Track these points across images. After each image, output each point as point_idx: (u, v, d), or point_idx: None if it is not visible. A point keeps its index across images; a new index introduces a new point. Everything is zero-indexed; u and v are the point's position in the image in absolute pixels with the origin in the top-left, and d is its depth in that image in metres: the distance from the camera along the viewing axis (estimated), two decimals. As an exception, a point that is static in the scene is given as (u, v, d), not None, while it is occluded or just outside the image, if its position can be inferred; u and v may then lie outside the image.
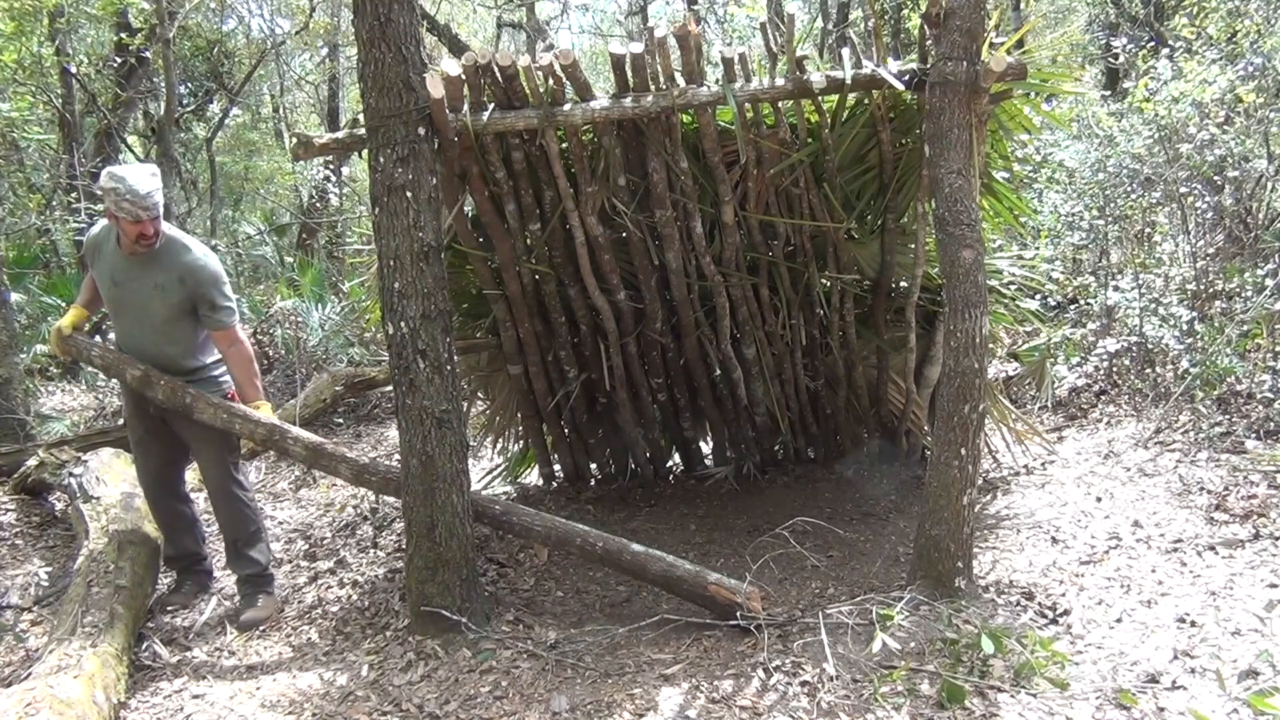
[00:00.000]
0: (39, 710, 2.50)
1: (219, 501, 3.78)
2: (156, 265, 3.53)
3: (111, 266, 3.56)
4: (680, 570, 3.38)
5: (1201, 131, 5.94)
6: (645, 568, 3.44)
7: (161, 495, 3.85)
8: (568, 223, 4.10)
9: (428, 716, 2.75)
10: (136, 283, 3.54)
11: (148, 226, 3.41)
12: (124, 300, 3.59)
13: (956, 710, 2.56)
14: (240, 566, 3.78)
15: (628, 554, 3.45)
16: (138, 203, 3.34)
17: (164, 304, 3.57)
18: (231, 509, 3.77)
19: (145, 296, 3.55)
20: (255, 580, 3.77)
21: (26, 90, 9.65)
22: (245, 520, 3.78)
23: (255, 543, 3.79)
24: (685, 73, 3.54)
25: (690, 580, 3.35)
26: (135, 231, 3.41)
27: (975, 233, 3.16)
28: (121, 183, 3.34)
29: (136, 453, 3.86)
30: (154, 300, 3.56)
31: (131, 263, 3.53)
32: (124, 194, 3.33)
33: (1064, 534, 3.91)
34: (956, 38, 3.10)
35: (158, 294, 3.55)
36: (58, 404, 8.03)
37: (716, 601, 3.29)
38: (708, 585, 3.30)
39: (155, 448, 3.81)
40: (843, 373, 4.78)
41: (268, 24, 13.92)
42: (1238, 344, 5.16)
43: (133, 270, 3.53)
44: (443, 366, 3.16)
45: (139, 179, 3.37)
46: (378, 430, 7.31)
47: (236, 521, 3.77)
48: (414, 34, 3.06)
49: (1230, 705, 2.47)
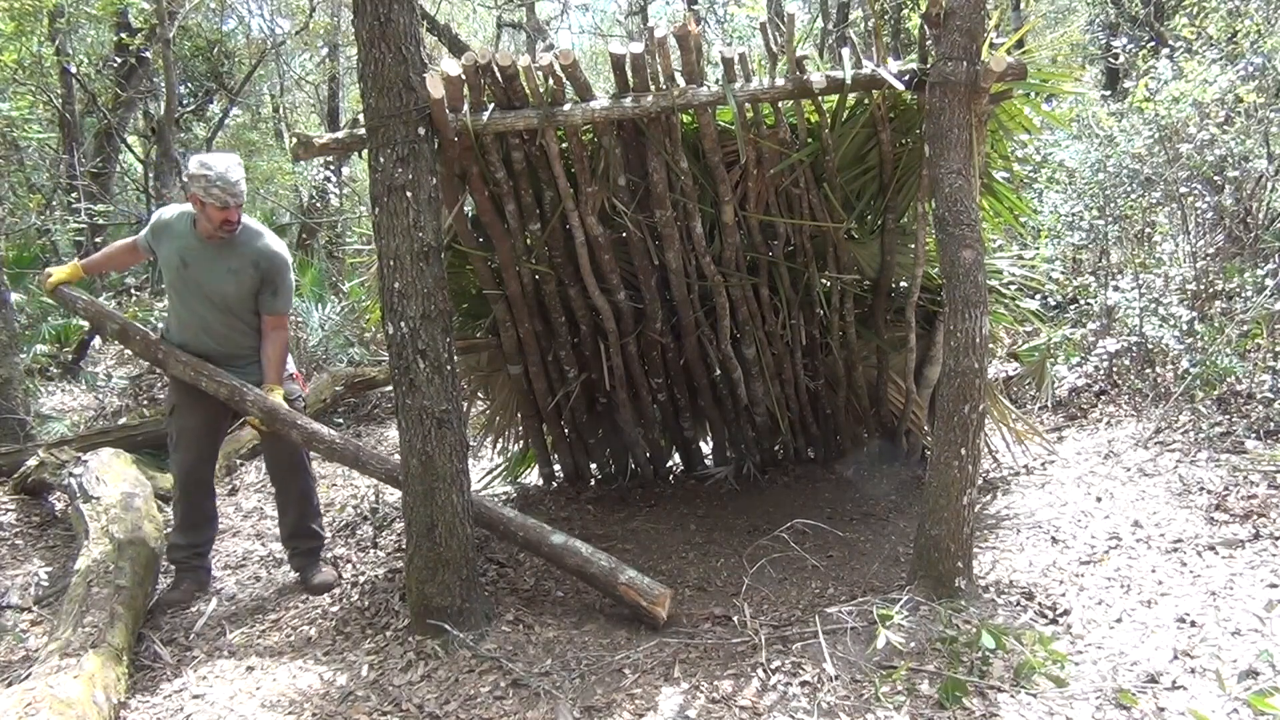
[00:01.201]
0: (39, 710, 2.50)
1: (291, 477, 3.94)
2: (231, 250, 3.68)
3: (183, 249, 3.68)
4: (594, 567, 3.44)
5: (1201, 131, 5.94)
6: (562, 559, 3.52)
7: (198, 487, 3.94)
8: (568, 223, 4.10)
9: (428, 716, 2.75)
10: (210, 266, 3.68)
11: (234, 213, 3.57)
12: (193, 281, 3.71)
13: (956, 710, 2.56)
14: (307, 540, 3.99)
15: (546, 545, 3.53)
16: (228, 189, 3.49)
17: (236, 287, 3.71)
18: (305, 484, 3.97)
19: (218, 279, 3.69)
20: (317, 551, 4.03)
21: (26, 90, 9.65)
22: (314, 494, 4.03)
23: (319, 516, 4.05)
24: (685, 73, 3.54)
25: (603, 577, 3.42)
26: (221, 218, 3.55)
27: (975, 233, 3.16)
28: (212, 169, 3.50)
29: (181, 442, 3.88)
30: (227, 283, 3.70)
31: (206, 246, 3.67)
32: (215, 180, 3.47)
33: (1064, 534, 3.91)
34: (956, 38, 3.10)
35: (231, 277, 3.69)
36: (58, 404, 8.02)
37: (625, 601, 3.37)
38: (618, 584, 3.38)
39: (204, 441, 3.91)
40: (843, 373, 4.78)
41: (268, 24, 13.93)
42: (1238, 344, 5.16)
43: (206, 253, 3.67)
44: (443, 366, 3.16)
45: (229, 167, 3.53)
46: (378, 430, 7.31)
47: (308, 495, 3.98)
48: (414, 34, 3.06)
49: (1230, 705, 2.47)
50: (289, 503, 3.98)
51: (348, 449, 3.76)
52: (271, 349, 3.83)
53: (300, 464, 3.96)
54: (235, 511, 5.27)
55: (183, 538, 3.94)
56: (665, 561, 4.12)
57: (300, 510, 3.97)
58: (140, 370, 8.25)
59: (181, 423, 3.85)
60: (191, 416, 3.84)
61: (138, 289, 8.94)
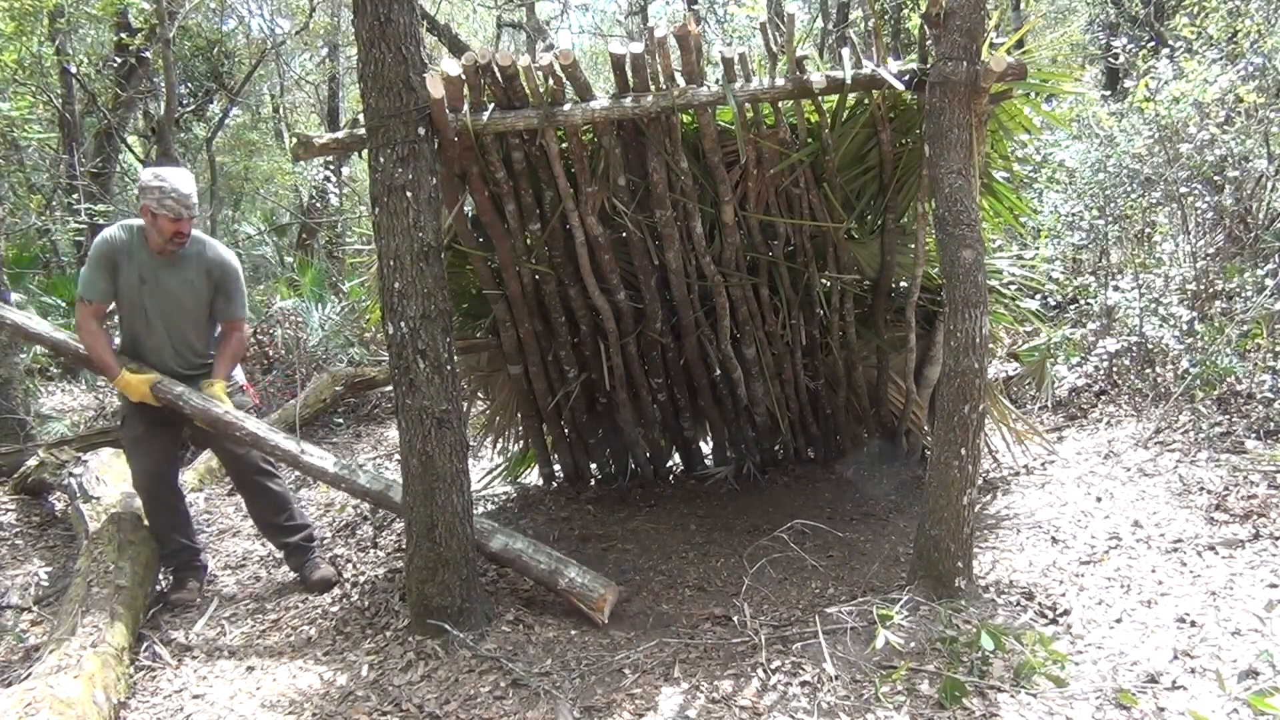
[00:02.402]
0: (39, 710, 2.50)
1: (254, 482, 3.93)
2: (184, 262, 3.72)
3: (140, 265, 3.69)
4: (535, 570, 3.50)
5: (1201, 131, 5.94)
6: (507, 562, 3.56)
7: (162, 493, 3.90)
8: (568, 223, 4.10)
9: (428, 716, 2.75)
10: (166, 280, 3.71)
11: (185, 225, 3.60)
12: (152, 297, 3.71)
13: (956, 710, 2.56)
14: (289, 534, 3.98)
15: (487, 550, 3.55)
16: (181, 201, 3.54)
17: (194, 298, 3.77)
18: (269, 485, 3.96)
19: (177, 292, 3.73)
20: (306, 544, 4.00)
21: (26, 90, 9.64)
22: (283, 493, 4.02)
23: (294, 509, 4.04)
24: (685, 73, 3.54)
25: (545, 580, 3.48)
26: (173, 229, 3.58)
27: (975, 233, 3.16)
28: (166, 181, 3.54)
29: (134, 451, 3.88)
30: (185, 296, 3.75)
31: (159, 261, 3.69)
32: (169, 192, 3.52)
33: (1064, 534, 3.91)
34: (956, 38, 3.10)
35: (188, 289, 3.74)
36: (58, 404, 8.03)
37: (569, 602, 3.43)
38: (558, 587, 3.43)
39: (156, 446, 3.85)
40: (843, 373, 4.78)
41: (268, 24, 13.93)
42: (1238, 344, 5.16)
43: (160, 267, 3.70)
44: (443, 366, 3.16)
45: (182, 180, 3.58)
46: (378, 430, 7.31)
47: (277, 496, 3.98)
48: (414, 34, 3.06)
49: (1230, 705, 2.47)
50: (262, 509, 3.98)
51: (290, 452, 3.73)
52: (228, 348, 3.89)
53: (258, 468, 3.92)
54: (235, 511, 5.27)
55: (167, 545, 3.93)
56: (665, 561, 4.12)
57: (274, 512, 3.96)
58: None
59: (133, 431, 3.83)
60: (141, 423, 3.80)
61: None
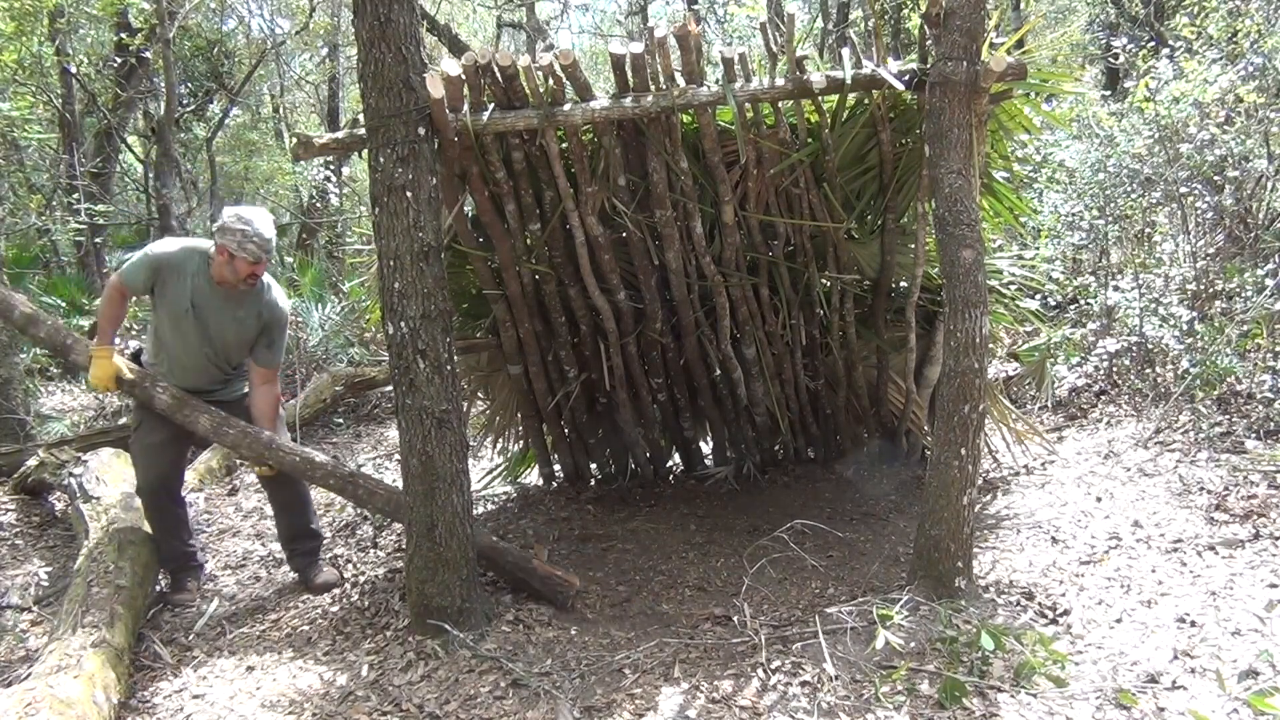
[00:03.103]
0: (39, 710, 2.50)
1: (289, 488, 3.95)
2: (241, 299, 3.72)
3: (194, 290, 3.67)
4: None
5: (1202, 131, 5.94)
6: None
7: (167, 498, 3.91)
8: (568, 223, 4.10)
9: (428, 716, 2.75)
10: (218, 312, 3.70)
11: (261, 268, 3.63)
12: (198, 321, 3.70)
13: (956, 710, 2.56)
14: (308, 541, 4.03)
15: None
16: (263, 246, 3.55)
17: (238, 335, 3.77)
18: (301, 492, 4.00)
19: (223, 326, 3.73)
20: (317, 550, 4.08)
21: (26, 90, 9.65)
22: (309, 496, 4.06)
23: (316, 516, 4.12)
24: (685, 73, 3.54)
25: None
26: (249, 271, 3.59)
27: (975, 233, 3.16)
28: (250, 225, 3.52)
29: (149, 457, 3.84)
30: (229, 330, 3.74)
31: (217, 292, 3.68)
32: (251, 236, 3.52)
33: (1064, 534, 3.91)
34: (956, 38, 3.10)
35: (235, 325, 3.74)
36: (58, 404, 8.03)
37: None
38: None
39: (167, 455, 3.87)
40: (843, 373, 4.78)
41: (268, 24, 13.94)
42: (1238, 344, 5.16)
43: (216, 299, 3.69)
44: (443, 366, 3.16)
45: (265, 224, 3.57)
46: (378, 430, 7.31)
47: (305, 499, 4.03)
48: (414, 34, 3.06)
49: (1230, 705, 2.47)
50: (285, 507, 3.99)
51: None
52: (263, 403, 3.84)
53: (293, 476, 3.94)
54: (235, 511, 5.27)
55: (170, 542, 3.94)
56: (665, 561, 4.12)
57: (298, 513, 3.99)
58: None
59: (150, 439, 3.82)
60: (158, 433, 3.80)
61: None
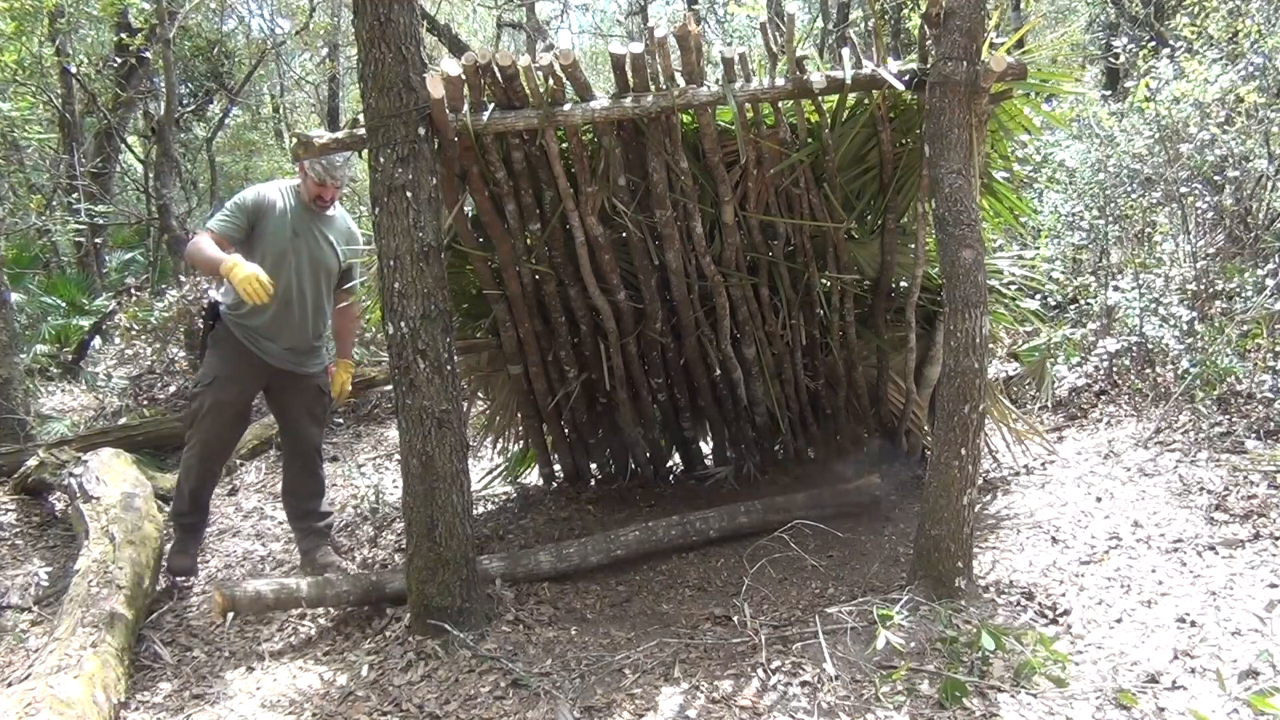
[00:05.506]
0: (39, 710, 2.51)
1: (313, 463, 4.20)
2: (330, 224, 4.06)
3: (294, 219, 3.94)
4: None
5: (1202, 131, 5.94)
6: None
7: (214, 464, 4.11)
8: (568, 223, 4.10)
9: (428, 716, 2.75)
10: (318, 238, 4.00)
11: (327, 192, 3.92)
12: (305, 249, 3.96)
13: (956, 710, 2.56)
14: (319, 519, 4.21)
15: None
16: (328, 169, 3.82)
17: (336, 259, 4.07)
18: (319, 470, 4.25)
19: (318, 250, 4.01)
20: (327, 530, 4.25)
21: (26, 90, 9.65)
22: (324, 479, 4.31)
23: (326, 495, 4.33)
24: (685, 73, 3.54)
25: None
26: (315, 193, 3.91)
27: (975, 233, 3.16)
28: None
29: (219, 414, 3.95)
30: (325, 254, 4.03)
31: (314, 217, 3.99)
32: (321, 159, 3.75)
33: (1064, 534, 3.91)
34: (956, 38, 3.10)
35: (331, 250, 4.05)
36: (58, 404, 8.02)
37: None
38: None
39: (233, 415, 4.03)
40: (843, 373, 4.78)
41: (268, 24, 13.94)
42: (1238, 344, 5.16)
43: (314, 224, 3.98)
44: (443, 366, 3.16)
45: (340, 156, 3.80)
46: (378, 430, 7.31)
47: (322, 479, 4.27)
48: (414, 34, 3.06)
49: (1230, 705, 2.47)
50: (312, 488, 4.17)
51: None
52: (349, 321, 4.33)
53: (319, 451, 4.25)
54: (235, 511, 5.27)
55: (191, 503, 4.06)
56: (665, 561, 4.12)
57: (318, 492, 4.19)
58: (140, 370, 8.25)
59: (220, 395, 3.93)
60: (231, 391, 3.96)
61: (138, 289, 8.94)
